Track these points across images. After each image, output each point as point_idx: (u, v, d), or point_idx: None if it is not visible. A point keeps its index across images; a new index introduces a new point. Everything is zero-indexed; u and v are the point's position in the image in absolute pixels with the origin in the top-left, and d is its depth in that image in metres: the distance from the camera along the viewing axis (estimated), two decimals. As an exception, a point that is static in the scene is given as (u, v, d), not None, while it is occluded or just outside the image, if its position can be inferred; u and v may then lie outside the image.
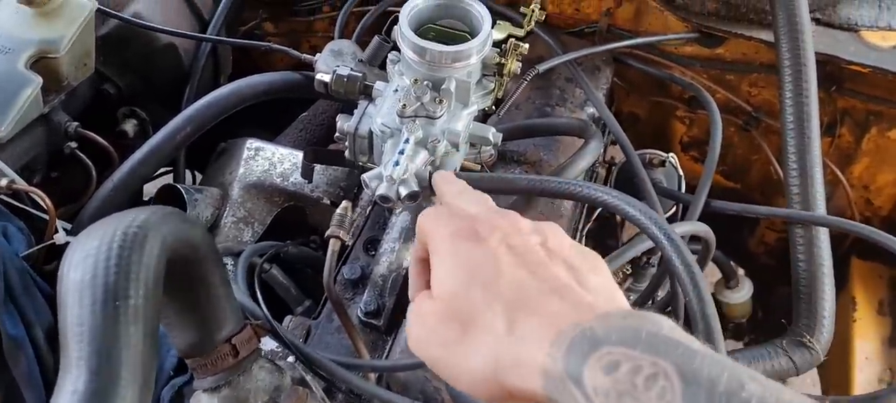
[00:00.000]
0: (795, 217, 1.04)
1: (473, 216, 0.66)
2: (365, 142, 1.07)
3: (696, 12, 1.37)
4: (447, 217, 0.66)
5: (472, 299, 0.58)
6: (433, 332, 0.60)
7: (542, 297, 0.56)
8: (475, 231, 0.62)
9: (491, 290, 0.57)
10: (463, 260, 0.61)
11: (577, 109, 1.34)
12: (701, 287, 0.83)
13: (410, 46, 1.01)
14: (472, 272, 0.59)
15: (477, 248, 0.61)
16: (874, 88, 1.39)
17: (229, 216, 1.32)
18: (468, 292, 0.58)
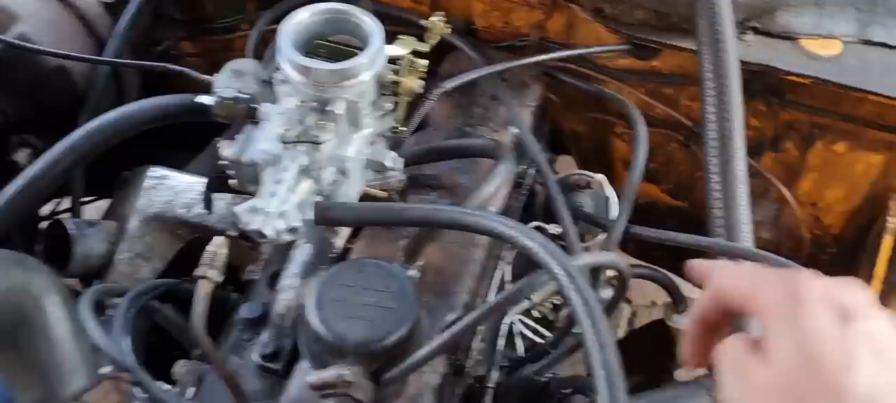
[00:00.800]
0: (715, 248, 0.95)
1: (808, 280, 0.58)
2: (252, 170, 0.98)
3: (627, 23, 1.29)
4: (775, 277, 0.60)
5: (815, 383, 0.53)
6: (756, 395, 0.56)
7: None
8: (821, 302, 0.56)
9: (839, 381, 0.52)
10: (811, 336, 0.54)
11: (501, 129, 1.25)
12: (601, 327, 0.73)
13: (292, 65, 0.93)
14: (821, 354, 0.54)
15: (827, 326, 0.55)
16: (817, 100, 1.31)
17: (125, 252, 1.23)
18: (812, 374, 0.53)
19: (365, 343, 0.82)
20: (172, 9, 1.55)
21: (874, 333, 0.54)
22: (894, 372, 0.53)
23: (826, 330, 0.54)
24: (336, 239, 1.10)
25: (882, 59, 1.28)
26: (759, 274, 0.62)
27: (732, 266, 0.68)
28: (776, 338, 0.56)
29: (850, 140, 1.36)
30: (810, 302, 0.56)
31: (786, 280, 0.59)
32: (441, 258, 1.06)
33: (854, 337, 0.54)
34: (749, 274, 0.63)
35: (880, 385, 0.52)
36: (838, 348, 0.53)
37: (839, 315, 0.55)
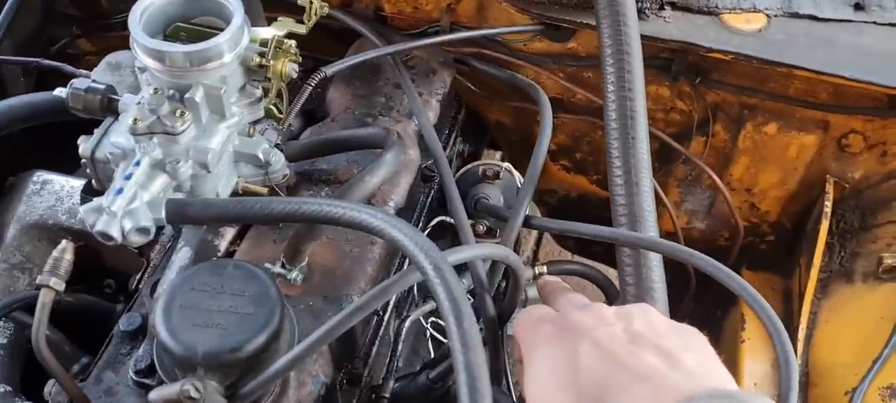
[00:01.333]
0: (618, 239, 0.87)
1: (560, 316, 0.70)
2: (109, 166, 0.89)
3: (537, 2, 1.21)
4: (535, 322, 0.70)
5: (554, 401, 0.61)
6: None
7: (625, 388, 0.56)
8: (557, 331, 0.66)
9: (571, 390, 0.59)
10: (545, 363, 0.64)
11: (404, 119, 1.17)
12: (466, 325, 0.65)
13: (143, 50, 0.84)
14: (552, 374, 0.62)
15: (558, 349, 0.64)
16: (742, 78, 1.25)
17: (0, 262, 1.13)
18: (553, 394, 0.61)
19: (215, 353, 0.73)
20: (66, 5, 1.46)
21: (601, 339, 0.62)
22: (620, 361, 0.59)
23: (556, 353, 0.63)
24: (219, 240, 1.01)
25: (809, 32, 1.22)
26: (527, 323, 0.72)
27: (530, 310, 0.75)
28: (527, 378, 0.66)
29: (780, 120, 1.29)
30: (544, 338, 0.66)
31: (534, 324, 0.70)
32: (331, 257, 0.98)
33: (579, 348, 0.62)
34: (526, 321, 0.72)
35: (608, 376, 0.58)
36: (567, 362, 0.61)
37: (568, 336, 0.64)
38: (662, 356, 0.58)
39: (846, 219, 1.32)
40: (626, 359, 0.58)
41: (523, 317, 0.72)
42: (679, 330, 0.63)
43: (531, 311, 0.73)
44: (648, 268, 0.85)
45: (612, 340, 0.61)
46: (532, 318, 0.71)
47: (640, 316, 0.65)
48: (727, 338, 1.38)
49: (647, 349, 0.59)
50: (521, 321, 0.72)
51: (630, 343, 0.60)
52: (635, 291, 0.86)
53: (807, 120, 1.28)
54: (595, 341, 0.61)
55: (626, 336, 0.61)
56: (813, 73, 1.17)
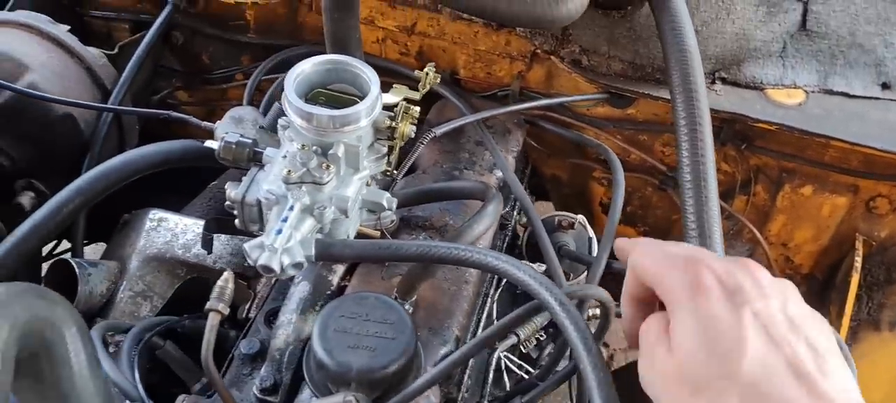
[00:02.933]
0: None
1: (708, 264, 0.63)
2: (254, 210, 1.03)
3: (603, 73, 1.37)
4: (681, 262, 0.64)
5: (711, 368, 0.57)
6: (664, 387, 0.61)
7: (782, 382, 0.55)
8: (717, 287, 0.61)
9: (731, 364, 0.56)
10: (706, 323, 0.59)
11: (486, 173, 1.32)
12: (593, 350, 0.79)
13: (296, 112, 0.99)
14: (715, 339, 0.58)
15: (721, 312, 0.59)
16: (784, 146, 1.40)
17: (126, 290, 1.26)
18: (708, 359, 0.57)
19: (367, 371, 0.87)
20: (172, 60, 1.62)
21: (762, 313, 0.58)
22: (781, 350, 0.56)
23: (719, 316, 0.59)
24: (332, 276, 1.15)
25: (842, 107, 1.37)
26: (667, 258, 0.66)
27: (648, 244, 0.70)
28: (677, 326, 0.61)
29: (816, 183, 1.44)
30: (706, 290, 0.60)
31: (687, 265, 0.63)
32: (433, 294, 1.12)
33: (745, 320, 0.58)
34: (658, 256, 0.67)
35: (768, 363, 0.56)
36: (731, 332, 0.58)
37: (732, 299, 0.59)
38: (814, 354, 0.56)
39: (873, 274, 1.47)
40: (786, 350, 0.56)
41: (654, 249, 0.68)
42: (821, 324, 0.61)
43: (662, 245, 0.69)
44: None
45: (773, 321, 0.58)
46: (670, 254, 0.66)
47: (793, 295, 0.62)
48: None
49: (801, 341, 0.57)
50: (652, 251, 0.68)
51: (789, 331, 0.58)
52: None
53: (839, 184, 1.43)
54: (758, 315, 0.58)
55: (785, 320, 0.58)
56: (847, 144, 1.32)
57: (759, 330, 0.57)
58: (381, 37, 1.50)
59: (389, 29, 1.48)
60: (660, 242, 0.70)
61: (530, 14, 1.02)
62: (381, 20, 1.47)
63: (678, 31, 1.14)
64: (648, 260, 0.67)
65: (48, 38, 1.37)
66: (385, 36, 1.50)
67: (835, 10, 1.38)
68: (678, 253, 0.66)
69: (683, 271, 0.63)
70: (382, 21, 1.47)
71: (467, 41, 1.45)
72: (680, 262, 0.64)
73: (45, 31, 1.37)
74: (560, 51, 1.37)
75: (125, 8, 1.59)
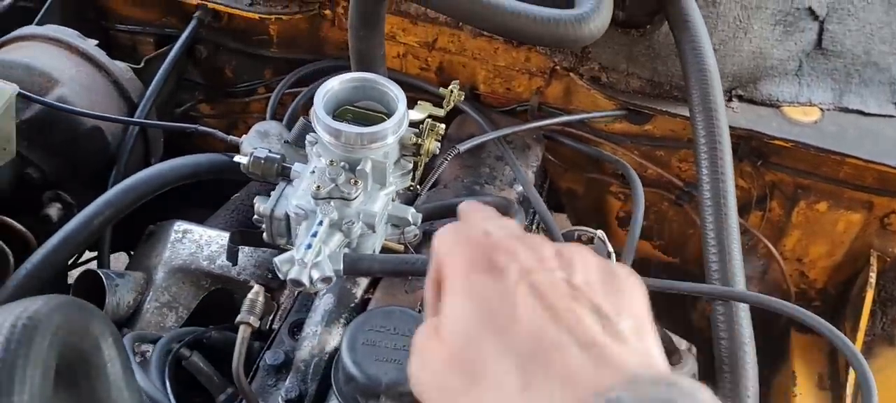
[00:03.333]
0: (715, 293, 1.04)
1: (492, 241, 0.58)
2: (282, 224, 1.06)
3: (622, 90, 1.39)
4: (464, 240, 0.59)
5: (484, 348, 0.51)
6: (435, 377, 0.54)
7: (563, 351, 0.49)
8: (492, 261, 0.56)
9: (505, 339, 0.51)
10: (477, 298, 0.54)
11: (506, 187, 1.34)
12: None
13: (325, 129, 1.01)
14: (486, 314, 0.53)
15: (493, 284, 0.54)
16: (799, 162, 1.42)
17: (152, 301, 1.29)
18: (480, 338, 0.52)
19: (396, 384, 0.89)
20: (195, 74, 1.64)
21: (540, 284, 0.53)
22: (561, 319, 0.51)
23: (491, 292, 0.54)
24: (356, 289, 1.18)
25: (857, 125, 1.39)
26: (454, 237, 0.61)
27: (451, 225, 0.64)
28: (448, 311, 0.55)
29: (831, 199, 1.46)
30: (479, 267, 0.56)
31: (466, 244, 0.59)
32: (455, 307, 1.14)
33: (519, 292, 0.53)
34: (449, 236, 0.61)
35: (547, 334, 0.50)
36: (503, 307, 0.52)
37: (506, 273, 0.54)
38: (602, 320, 0.51)
39: (887, 289, 1.48)
40: (566, 318, 0.51)
41: (449, 231, 0.62)
42: (616, 286, 0.55)
43: (460, 227, 0.63)
44: (740, 324, 1.02)
45: (553, 290, 0.53)
46: (460, 234, 0.61)
47: (580, 263, 0.57)
48: (777, 394, 1.53)
49: (586, 308, 0.52)
50: (445, 235, 0.61)
51: (571, 299, 0.52)
52: (728, 344, 1.02)
53: (854, 200, 1.44)
54: (534, 286, 0.53)
55: (567, 289, 0.53)
56: (861, 161, 1.34)
57: (533, 300, 0.52)
58: (401, 52, 1.53)
59: (410, 44, 1.51)
60: (463, 224, 0.65)
61: (554, 34, 1.04)
62: (403, 36, 1.50)
63: (698, 50, 1.16)
64: (440, 240, 0.61)
65: (77, 52, 1.40)
66: (406, 51, 1.52)
67: (850, 29, 1.40)
68: (465, 233, 0.61)
69: (462, 248, 0.58)
70: (404, 37, 1.50)
71: (487, 57, 1.47)
72: (462, 241, 0.60)
73: (74, 46, 1.40)
74: (579, 68, 1.39)
75: (150, 22, 1.62)
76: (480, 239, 0.59)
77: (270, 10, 1.51)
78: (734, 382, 1.03)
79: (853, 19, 1.39)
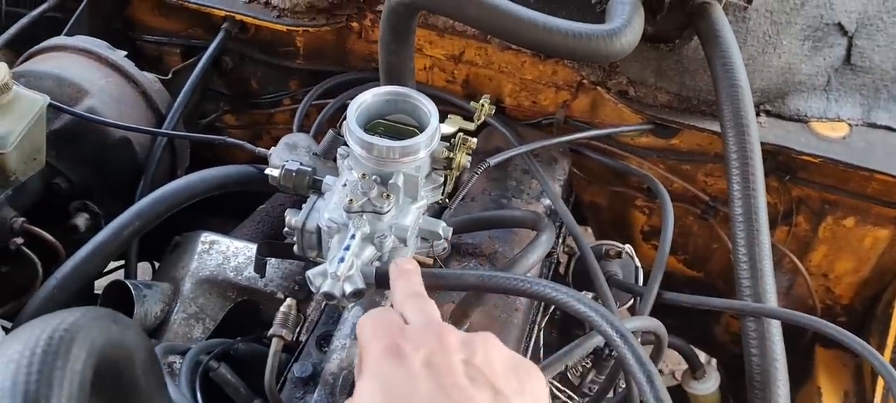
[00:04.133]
0: (747, 310, 1.03)
1: (405, 329, 0.65)
2: (313, 237, 1.06)
3: (649, 104, 1.39)
4: (381, 327, 0.66)
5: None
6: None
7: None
8: (400, 348, 0.62)
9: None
10: (381, 380, 0.60)
11: (534, 201, 1.34)
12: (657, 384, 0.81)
13: (357, 142, 1.01)
14: (387, 394, 0.59)
15: (397, 368, 0.61)
16: (826, 178, 1.41)
17: (180, 312, 1.29)
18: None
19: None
20: (220, 84, 1.65)
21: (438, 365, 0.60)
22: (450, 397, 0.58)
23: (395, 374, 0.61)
24: (385, 302, 1.17)
25: (886, 141, 1.38)
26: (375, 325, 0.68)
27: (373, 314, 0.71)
28: (357, 388, 0.62)
29: (858, 215, 1.45)
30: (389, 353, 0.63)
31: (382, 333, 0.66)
32: (485, 322, 1.14)
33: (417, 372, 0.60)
34: (370, 321, 0.69)
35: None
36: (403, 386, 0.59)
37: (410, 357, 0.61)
38: (495, 396, 0.58)
39: (913, 306, 1.48)
40: (458, 396, 0.58)
41: (370, 319, 0.69)
42: (517, 370, 0.63)
43: (380, 314, 0.71)
44: (771, 340, 1.01)
45: (450, 371, 0.60)
46: (376, 322, 0.68)
47: (482, 348, 0.64)
48: (803, 410, 1.53)
49: (481, 387, 0.59)
50: (366, 322, 0.69)
51: (466, 378, 0.60)
52: (759, 361, 1.02)
53: (882, 216, 1.43)
54: (433, 367, 0.60)
55: (463, 370, 0.60)
56: (890, 177, 1.33)
57: (431, 381, 0.59)
58: (428, 65, 1.53)
59: (437, 57, 1.51)
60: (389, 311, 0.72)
61: (586, 49, 1.04)
62: (429, 49, 1.50)
63: (729, 65, 1.16)
64: (361, 326, 0.69)
65: (107, 63, 1.41)
66: (432, 64, 1.53)
67: (879, 44, 1.39)
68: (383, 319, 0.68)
69: (378, 335, 0.65)
70: (430, 50, 1.50)
71: (514, 70, 1.47)
72: (379, 327, 0.67)
73: (104, 57, 1.41)
74: (607, 82, 1.39)
75: (177, 33, 1.62)
76: (394, 327, 0.66)
77: (297, 22, 1.52)
78: (765, 398, 1.03)
79: (882, 35, 1.39)
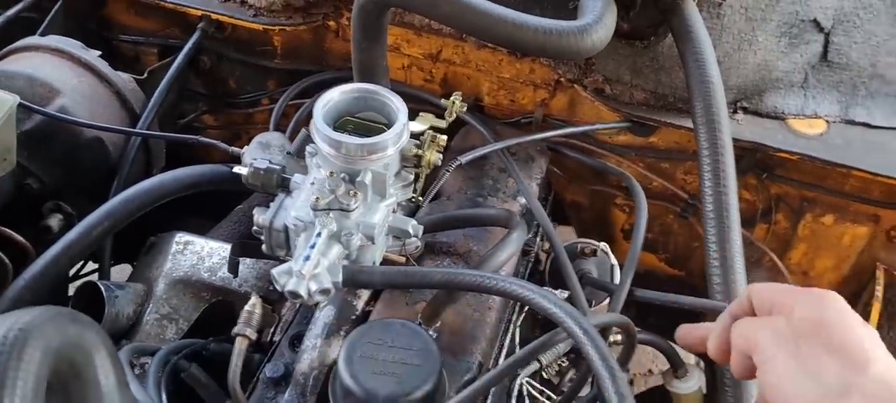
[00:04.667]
0: (718, 309, 1.02)
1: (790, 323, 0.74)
2: (281, 235, 1.05)
3: (626, 102, 1.38)
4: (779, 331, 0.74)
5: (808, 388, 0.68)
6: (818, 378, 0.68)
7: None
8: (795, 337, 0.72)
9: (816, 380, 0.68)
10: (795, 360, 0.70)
11: (510, 199, 1.33)
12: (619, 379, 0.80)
13: (324, 139, 1.00)
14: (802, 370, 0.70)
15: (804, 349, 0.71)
16: (805, 175, 1.40)
17: (152, 312, 1.28)
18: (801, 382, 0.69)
19: (394, 397, 0.88)
20: (198, 84, 1.64)
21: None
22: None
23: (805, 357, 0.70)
24: (357, 301, 1.16)
25: (864, 138, 1.38)
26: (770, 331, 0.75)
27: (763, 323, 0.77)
28: None
29: (836, 213, 1.45)
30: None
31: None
32: (457, 320, 1.13)
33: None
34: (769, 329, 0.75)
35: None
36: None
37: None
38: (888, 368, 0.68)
39: (894, 302, 1.47)
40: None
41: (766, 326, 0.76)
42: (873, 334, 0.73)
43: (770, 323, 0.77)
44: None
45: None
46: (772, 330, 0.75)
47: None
48: None
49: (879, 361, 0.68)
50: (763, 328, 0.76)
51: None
52: (731, 360, 1.00)
53: (860, 213, 1.43)
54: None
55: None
56: (868, 174, 1.32)
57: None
58: (406, 64, 1.52)
59: (415, 56, 1.50)
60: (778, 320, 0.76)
61: (556, 45, 1.03)
62: (407, 48, 1.49)
63: (701, 61, 1.15)
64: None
65: (80, 62, 1.40)
66: (410, 63, 1.52)
67: (856, 41, 1.39)
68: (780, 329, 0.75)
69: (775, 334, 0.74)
70: (408, 49, 1.49)
71: (491, 69, 1.47)
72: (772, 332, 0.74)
73: (76, 57, 1.40)
74: (584, 80, 1.39)
75: (153, 33, 1.62)
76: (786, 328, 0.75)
77: (274, 21, 1.51)
78: (737, 397, 1.02)
79: (859, 31, 1.38)
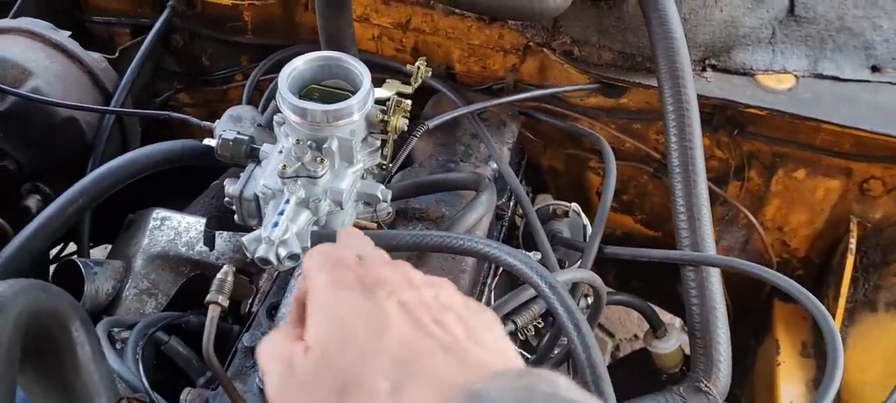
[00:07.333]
0: (685, 259, 1.04)
1: (364, 264, 0.63)
2: (252, 205, 1.06)
3: (595, 64, 1.39)
4: (334, 261, 0.62)
5: (354, 357, 0.53)
6: (303, 388, 0.54)
7: (431, 356, 0.53)
8: (362, 280, 0.60)
9: (375, 348, 0.53)
10: (347, 312, 0.57)
11: (482, 164, 1.34)
12: (584, 331, 0.82)
13: (290, 107, 1.01)
14: (354, 326, 0.55)
15: (362, 301, 0.57)
16: (775, 131, 1.41)
17: (131, 288, 1.30)
18: (349, 348, 0.54)
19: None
20: (172, 63, 1.65)
21: (409, 302, 0.57)
22: (429, 332, 0.55)
23: (359, 306, 0.57)
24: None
25: (833, 91, 1.39)
26: (322, 259, 0.63)
27: (321, 247, 0.67)
28: (313, 325, 0.58)
29: (809, 167, 1.46)
30: (345, 284, 0.59)
31: (331, 265, 0.62)
32: (430, 283, 1.14)
33: (387, 307, 0.56)
34: (319, 255, 0.64)
35: (416, 344, 0.54)
36: (372, 319, 0.55)
37: (374, 290, 0.58)
38: (468, 331, 0.56)
39: (869, 255, 1.48)
40: (433, 328, 0.55)
41: (319, 252, 0.65)
42: (480, 309, 0.61)
43: (330, 250, 0.66)
44: (710, 289, 1.02)
45: (421, 305, 0.58)
46: (331, 258, 0.64)
47: (447, 289, 0.62)
48: (763, 363, 1.54)
49: (453, 321, 0.57)
50: (314, 255, 0.65)
51: (438, 311, 0.57)
52: (699, 309, 1.02)
53: (832, 167, 1.44)
54: (403, 302, 0.57)
55: (436, 306, 0.58)
56: (838, 127, 1.33)
57: (402, 314, 0.56)
58: (376, 34, 1.53)
59: (384, 26, 1.51)
60: (335, 246, 0.68)
61: (517, 6, 1.04)
62: (376, 18, 1.50)
63: (664, 19, 1.16)
64: (310, 260, 0.65)
65: (50, 43, 1.40)
66: (380, 33, 1.52)
67: (823, -6, 1.39)
68: (336, 254, 0.65)
69: (331, 268, 0.62)
70: (377, 18, 1.50)
71: (461, 36, 1.47)
72: (332, 262, 0.63)
73: (47, 38, 1.40)
74: (552, 42, 1.39)
75: (125, 12, 1.62)
76: (350, 261, 0.63)
77: (243, -3, 1.51)
78: (706, 346, 1.04)
79: (825, -15, 1.39)
